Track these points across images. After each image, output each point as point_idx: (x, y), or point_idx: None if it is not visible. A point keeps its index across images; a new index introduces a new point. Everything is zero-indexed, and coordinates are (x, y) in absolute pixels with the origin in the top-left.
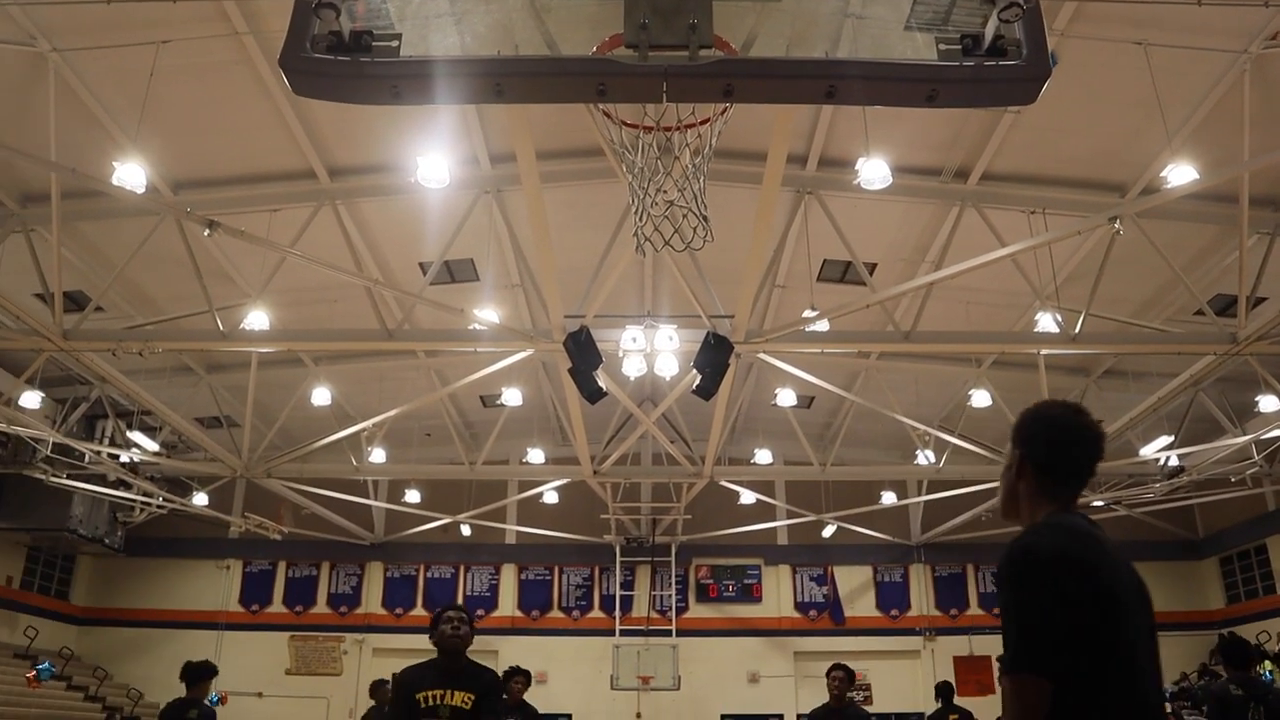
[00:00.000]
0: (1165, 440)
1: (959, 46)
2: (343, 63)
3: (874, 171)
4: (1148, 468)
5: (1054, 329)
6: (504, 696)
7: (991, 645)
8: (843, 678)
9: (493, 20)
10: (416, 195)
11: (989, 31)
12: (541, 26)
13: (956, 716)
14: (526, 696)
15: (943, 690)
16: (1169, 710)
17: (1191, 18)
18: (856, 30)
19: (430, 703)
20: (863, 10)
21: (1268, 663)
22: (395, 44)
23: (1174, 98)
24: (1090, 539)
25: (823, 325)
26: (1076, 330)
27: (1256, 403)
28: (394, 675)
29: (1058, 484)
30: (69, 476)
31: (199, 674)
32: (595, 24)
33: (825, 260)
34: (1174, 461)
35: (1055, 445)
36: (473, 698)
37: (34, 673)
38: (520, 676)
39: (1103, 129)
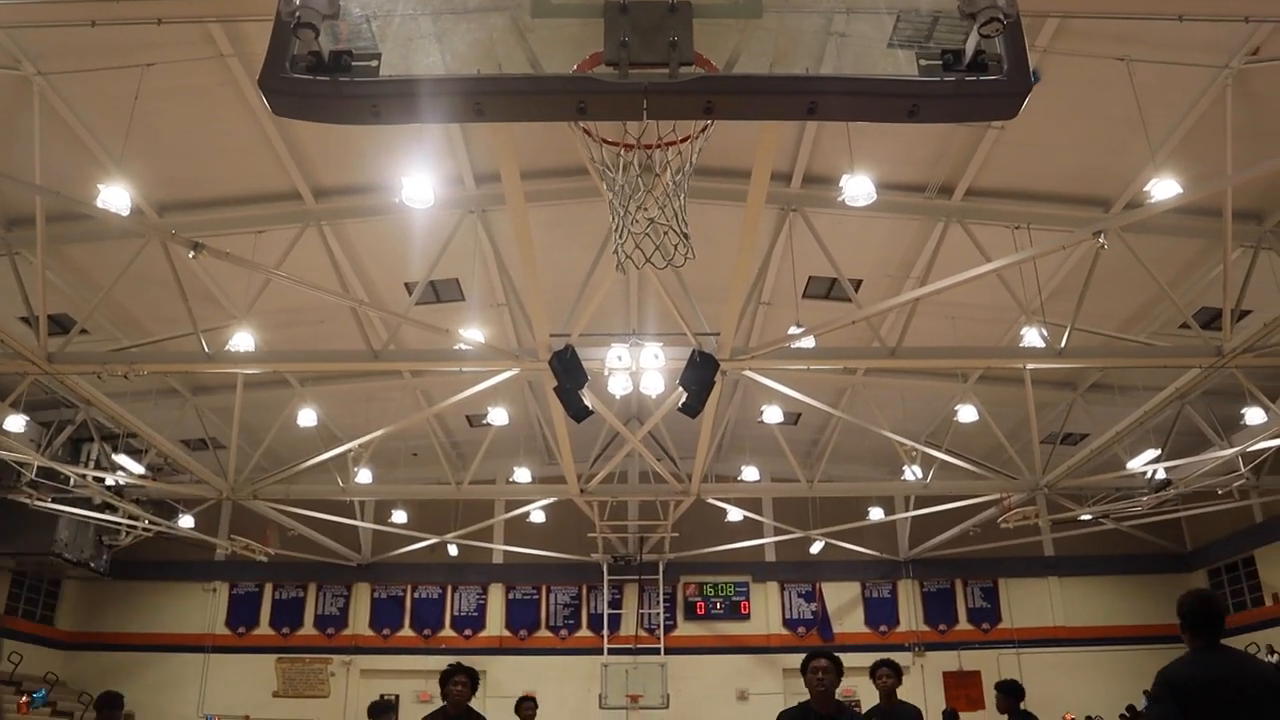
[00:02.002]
0: (1152, 453)
1: (940, 62)
2: (322, 83)
3: (858, 188)
4: (1135, 481)
5: (1040, 344)
6: None
7: (980, 660)
8: (889, 674)
9: (474, 40)
10: (401, 215)
11: (970, 47)
12: (524, 45)
13: None
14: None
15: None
16: None
17: (1173, 34)
18: (839, 48)
19: None
20: (846, 28)
21: None
22: (375, 64)
23: (1157, 113)
24: None
25: (808, 342)
26: (1063, 345)
27: (1243, 415)
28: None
29: None
30: (54, 500)
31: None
32: (578, 43)
33: (810, 277)
34: (1161, 475)
35: None
36: None
37: (26, 699)
38: (529, 703)
39: (1086, 144)
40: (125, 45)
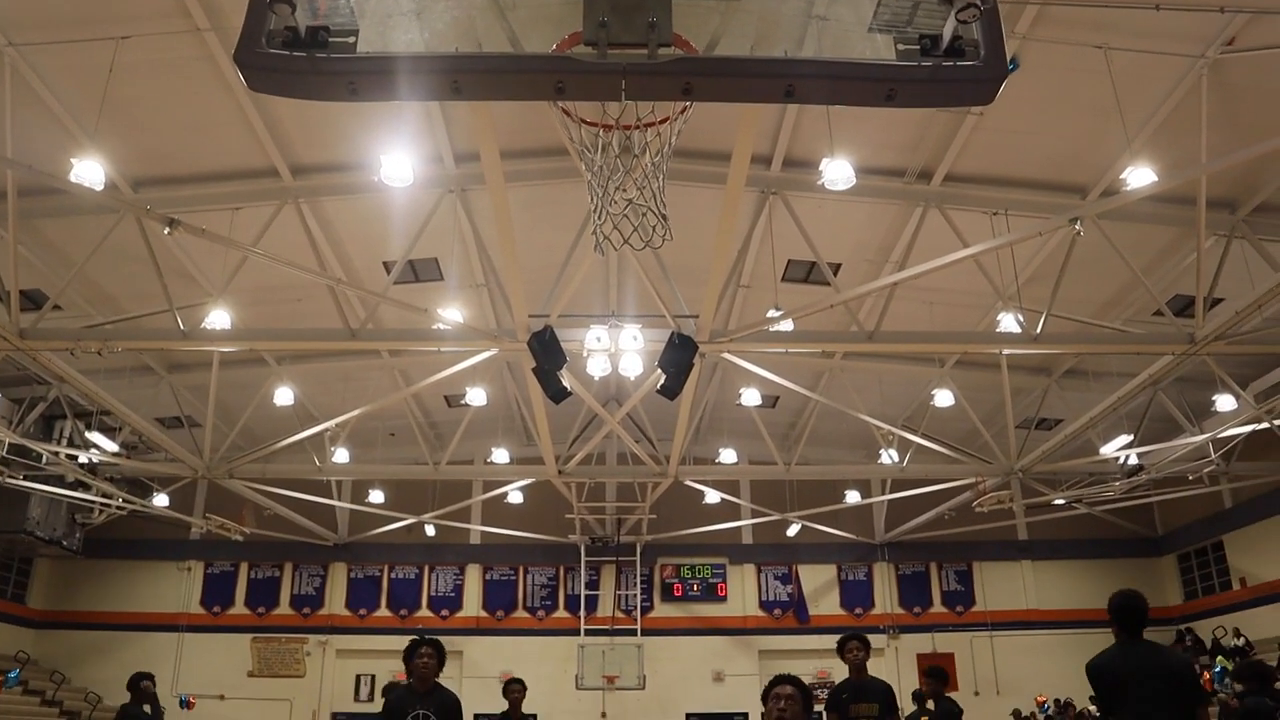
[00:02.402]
0: (1125, 439)
1: (917, 46)
2: (298, 58)
3: (838, 172)
4: (1108, 466)
5: (1016, 329)
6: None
7: (953, 643)
8: (859, 647)
9: (453, 17)
10: (380, 194)
11: (947, 32)
12: (504, 23)
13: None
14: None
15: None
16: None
17: (1151, 22)
18: (820, 32)
19: None
20: (826, 12)
21: (1220, 657)
22: (352, 40)
23: (1134, 101)
24: None
25: (787, 325)
26: (1038, 330)
27: (1214, 402)
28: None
29: None
30: (26, 478)
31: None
32: (558, 23)
33: (790, 260)
34: (1133, 460)
35: None
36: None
37: (0, 678)
38: (516, 684)
39: (1064, 131)
40: (99, 17)
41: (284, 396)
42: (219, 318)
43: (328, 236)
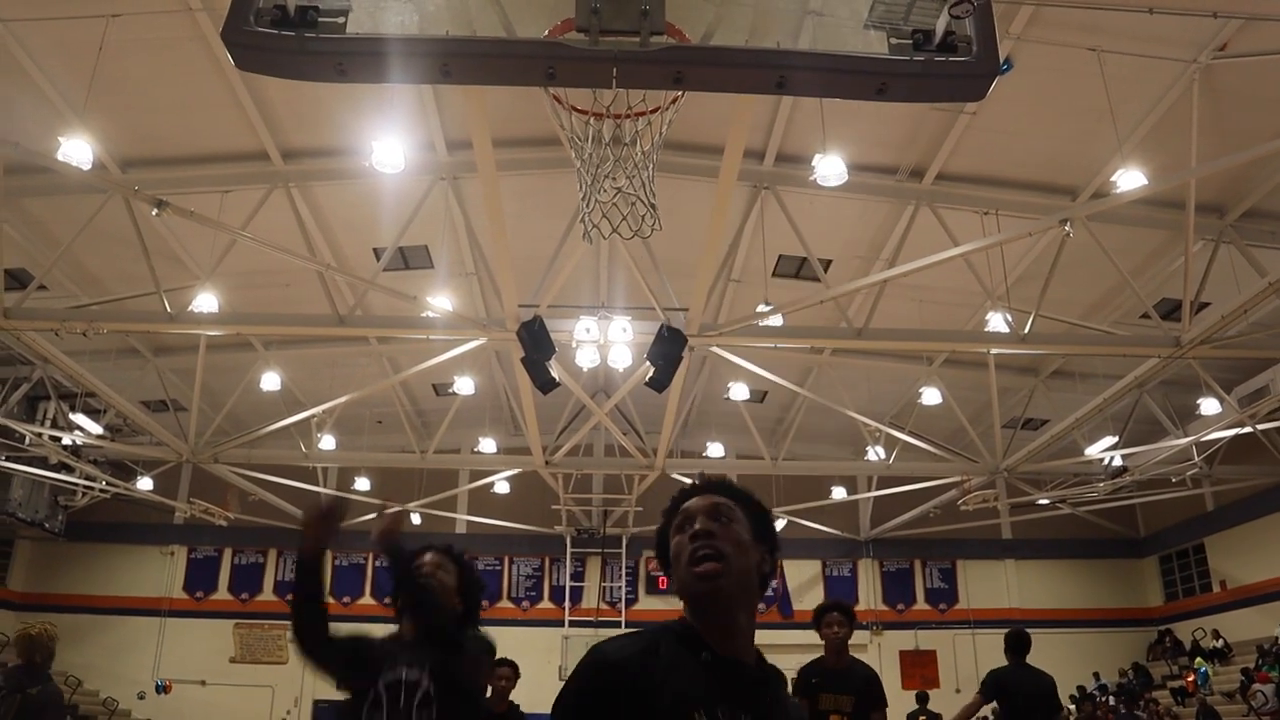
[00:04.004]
0: (1110, 440)
1: (910, 41)
2: (286, 38)
3: (830, 168)
4: (1092, 467)
5: (1004, 329)
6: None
7: (937, 640)
8: (842, 620)
9: (445, 1)
10: (371, 180)
11: (940, 27)
12: (497, 9)
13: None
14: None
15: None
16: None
17: (1144, 27)
18: (814, 27)
19: None
20: (821, 7)
21: (1200, 659)
22: (342, 20)
23: (1125, 104)
24: None
25: (777, 320)
26: (1026, 330)
27: (1198, 405)
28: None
29: None
30: (8, 459)
31: None
32: (552, 11)
33: (780, 256)
34: (1118, 461)
35: None
36: None
37: None
38: (507, 668)
39: (1056, 133)
40: None
41: (271, 381)
42: (206, 301)
43: (318, 221)
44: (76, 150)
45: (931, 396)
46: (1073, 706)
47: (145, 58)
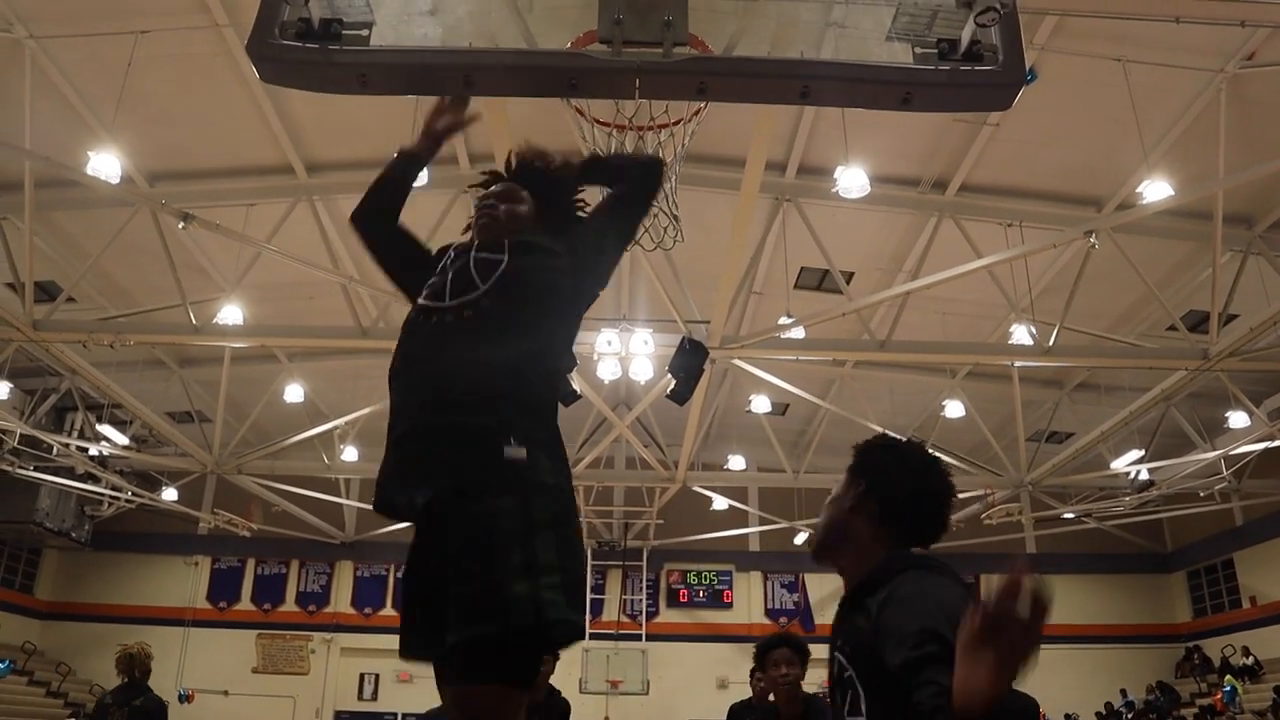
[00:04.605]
0: (1136, 454)
1: (935, 50)
2: (310, 50)
3: (852, 180)
4: (1118, 481)
5: (1028, 341)
6: None
7: None
8: (792, 659)
9: (469, 13)
10: None
11: (965, 36)
12: (519, 22)
13: None
14: None
15: None
16: None
17: (1170, 36)
18: (837, 37)
19: None
20: (844, 18)
21: (1229, 676)
22: (366, 33)
23: (1151, 115)
24: None
25: (798, 332)
26: (1050, 343)
27: (1226, 419)
28: None
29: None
30: (36, 469)
31: None
32: (575, 25)
33: (802, 268)
34: (1144, 475)
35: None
36: None
37: None
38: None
39: (1080, 144)
40: (120, 11)
41: (294, 393)
42: (231, 313)
43: (341, 234)
44: (105, 164)
45: (954, 409)
46: None
47: (172, 73)
